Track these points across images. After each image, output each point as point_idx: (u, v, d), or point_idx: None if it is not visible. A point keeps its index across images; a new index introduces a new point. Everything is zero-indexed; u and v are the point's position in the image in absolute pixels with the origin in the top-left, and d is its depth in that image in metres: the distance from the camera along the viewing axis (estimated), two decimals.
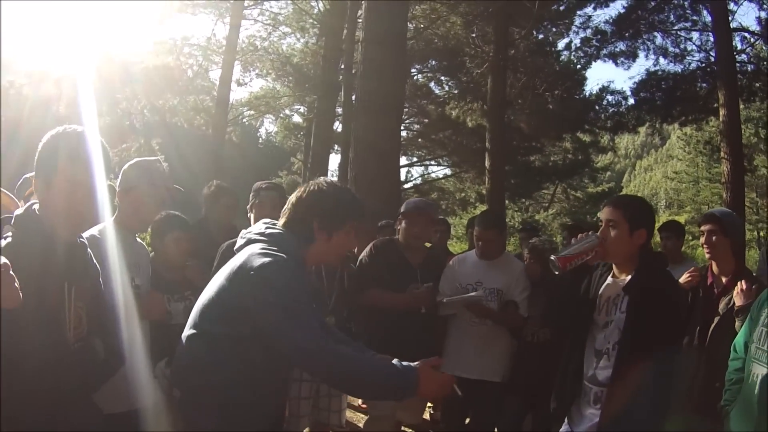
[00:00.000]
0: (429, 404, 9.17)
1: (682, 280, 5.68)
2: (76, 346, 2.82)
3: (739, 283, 5.25)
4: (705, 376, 5.26)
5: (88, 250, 3.19)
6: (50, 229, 2.86)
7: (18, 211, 2.97)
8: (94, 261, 3.25)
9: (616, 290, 4.28)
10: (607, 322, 4.27)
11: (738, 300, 5.16)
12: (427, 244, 7.39)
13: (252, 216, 5.99)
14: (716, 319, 5.37)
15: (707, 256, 5.56)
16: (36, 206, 2.96)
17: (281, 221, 3.66)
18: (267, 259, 3.32)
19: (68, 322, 2.88)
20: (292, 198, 3.67)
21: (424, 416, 9.07)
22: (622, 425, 3.95)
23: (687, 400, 5.21)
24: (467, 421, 6.85)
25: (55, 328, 2.78)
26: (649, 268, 4.19)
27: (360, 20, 19.89)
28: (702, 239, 5.56)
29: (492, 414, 6.47)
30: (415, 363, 3.36)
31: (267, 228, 3.61)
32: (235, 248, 3.66)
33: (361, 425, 7.84)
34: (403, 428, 8.41)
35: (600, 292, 4.41)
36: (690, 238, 33.10)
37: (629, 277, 4.21)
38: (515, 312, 6.32)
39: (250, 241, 3.57)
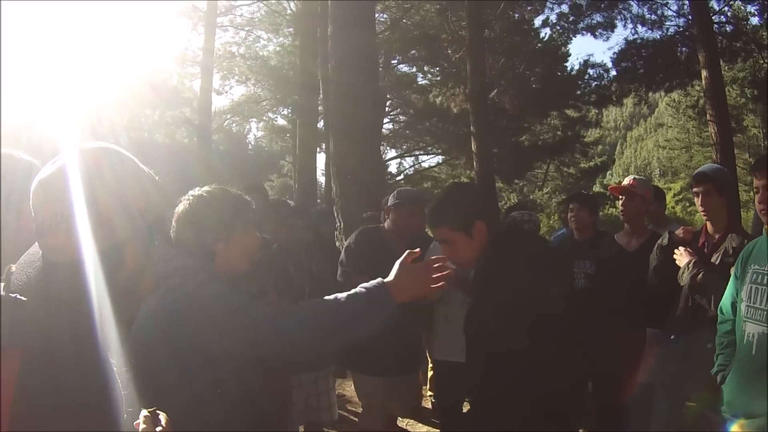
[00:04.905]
0: (430, 392, 9.06)
1: (677, 233, 5.58)
2: None
3: (676, 251, 5.25)
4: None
5: None
6: None
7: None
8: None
9: None
10: None
11: (684, 260, 5.15)
12: None
13: None
14: None
15: (703, 217, 5.36)
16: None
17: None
18: None
19: None
20: (174, 220, 3.48)
21: (425, 404, 9.01)
22: None
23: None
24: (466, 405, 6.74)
25: None
26: None
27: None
28: (697, 201, 5.35)
29: None
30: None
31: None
32: None
33: (356, 419, 7.75)
34: (406, 419, 8.38)
35: None
36: (687, 204, 33.07)
37: None
38: None
39: None
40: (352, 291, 3.11)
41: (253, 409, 3.35)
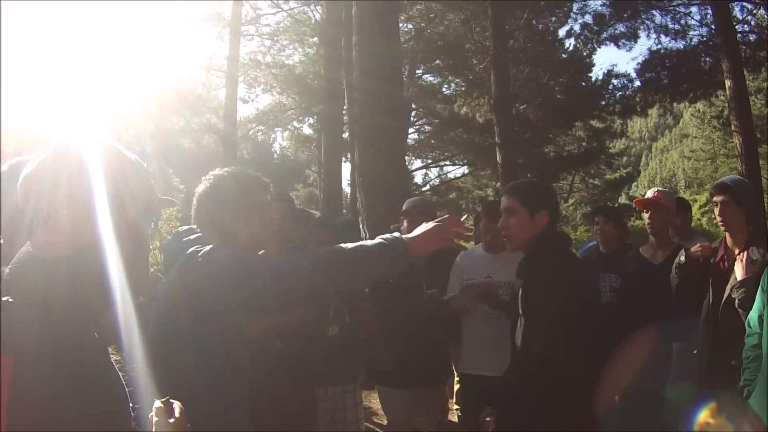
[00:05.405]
0: (456, 406, 9.02)
1: (692, 249, 5.56)
2: None
3: (739, 255, 5.04)
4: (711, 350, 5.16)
5: None
6: None
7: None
8: None
9: None
10: None
11: (739, 273, 4.95)
12: None
13: None
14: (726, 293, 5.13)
15: (722, 228, 5.34)
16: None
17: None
18: None
19: None
20: (194, 199, 3.54)
21: (451, 418, 8.96)
22: None
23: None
24: None
25: None
26: None
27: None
28: (716, 211, 5.33)
29: None
30: None
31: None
32: None
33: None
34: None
35: None
36: (713, 216, 32.82)
37: None
38: None
39: None
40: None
41: (279, 419, 3.38)
